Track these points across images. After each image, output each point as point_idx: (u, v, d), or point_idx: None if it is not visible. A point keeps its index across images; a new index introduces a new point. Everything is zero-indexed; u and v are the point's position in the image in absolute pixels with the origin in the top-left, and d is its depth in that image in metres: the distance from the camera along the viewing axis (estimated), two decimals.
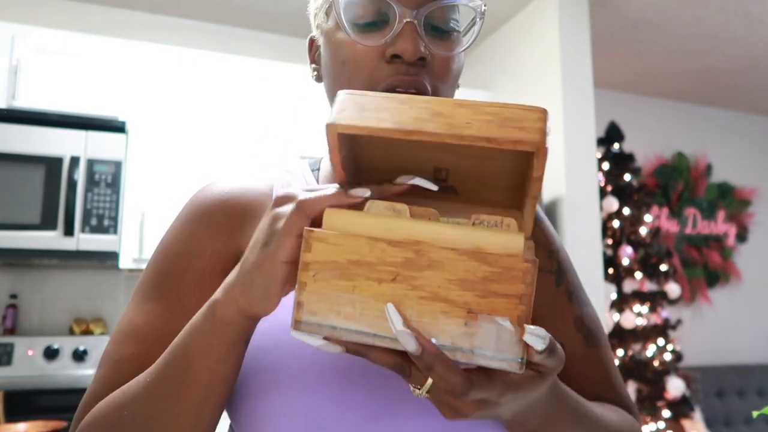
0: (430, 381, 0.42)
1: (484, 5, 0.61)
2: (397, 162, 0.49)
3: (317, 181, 0.67)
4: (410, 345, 0.40)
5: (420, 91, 0.57)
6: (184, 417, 0.49)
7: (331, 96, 0.62)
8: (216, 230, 0.61)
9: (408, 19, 0.56)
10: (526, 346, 0.41)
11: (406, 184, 0.46)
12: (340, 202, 0.44)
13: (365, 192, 0.45)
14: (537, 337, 0.40)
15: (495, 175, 0.48)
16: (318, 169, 0.69)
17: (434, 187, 0.46)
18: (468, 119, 0.43)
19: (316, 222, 0.44)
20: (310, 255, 0.42)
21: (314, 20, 0.65)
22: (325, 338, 0.43)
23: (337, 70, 0.59)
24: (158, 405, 0.49)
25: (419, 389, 0.43)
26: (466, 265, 0.41)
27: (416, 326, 0.41)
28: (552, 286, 0.66)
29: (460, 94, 3.01)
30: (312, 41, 0.67)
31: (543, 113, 0.43)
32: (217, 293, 0.48)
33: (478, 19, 0.62)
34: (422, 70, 0.57)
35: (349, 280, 0.42)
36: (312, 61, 0.67)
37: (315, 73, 0.66)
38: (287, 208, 0.44)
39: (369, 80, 0.57)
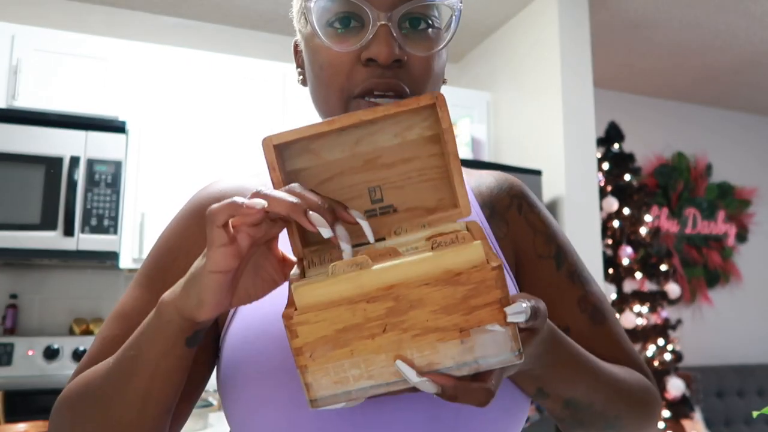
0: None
1: (460, 2, 0.61)
2: (333, 193, 0.53)
3: None
4: (431, 389, 0.43)
5: (398, 93, 0.57)
6: (130, 404, 0.52)
7: (315, 99, 0.63)
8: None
9: (381, 22, 0.56)
10: (518, 337, 0.44)
11: (354, 218, 0.48)
12: (287, 211, 0.45)
13: (325, 230, 0.46)
14: (519, 314, 0.43)
15: (422, 172, 0.53)
16: None
17: (372, 239, 0.49)
18: (380, 109, 0.50)
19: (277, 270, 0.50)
20: (299, 340, 0.43)
21: (296, 25, 0.65)
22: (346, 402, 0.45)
23: (317, 75, 0.60)
24: (112, 387, 0.52)
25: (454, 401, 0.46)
26: (443, 293, 0.43)
27: (421, 361, 0.43)
28: (553, 270, 0.68)
29: (460, 93, 3.01)
30: (296, 45, 0.67)
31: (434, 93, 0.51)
32: (167, 291, 0.50)
33: (454, 17, 0.61)
34: (399, 72, 0.57)
35: (344, 347, 0.43)
36: (297, 65, 0.68)
37: (300, 77, 0.67)
38: (216, 218, 0.45)
39: (346, 84, 0.58)
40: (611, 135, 3.41)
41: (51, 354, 2.37)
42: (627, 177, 3.32)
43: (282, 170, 0.51)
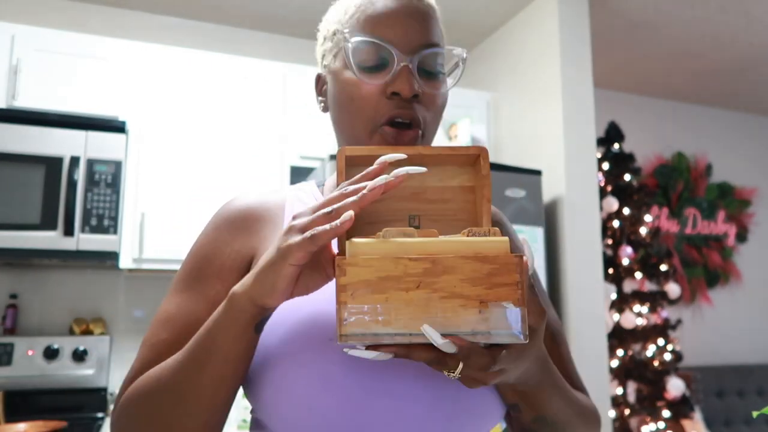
0: (461, 366, 0.52)
1: (465, 53, 0.75)
2: (378, 211, 0.63)
3: (322, 193, 0.80)
4: (451, 349, 0.51)
5: (414, 122, 0.70)
6: (205, 389, 0.59)
7: (337, 125, 0.74)
8: (235, 234, 0.73)
9: (404, 63, 0.68)
10: (527, 321, 0.52)
11: (399, 174, 0.56)
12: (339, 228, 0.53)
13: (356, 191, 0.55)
14: (533, 263, 0.56)
15: (455, 215, 0.65)
16: (323, 185, 0.81)
17: (422, 169, 0.57)
18: (435, 149, 0.62)
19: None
20: (345, 278, 0.50)
21: (321, 60, 0.77)
22: (370, 347, 0.52)
23: (345, 105, 0.71)
24: (186, 377, 0.60)
25: (452, 373, 0.53)
26: (473, 266, 0.51)
27: (442, 321, 0.51)
28: None
29: (460, 93, 3.01)
30: (319, 77, 0.79)
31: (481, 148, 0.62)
32: (236, 286, 0.58)
33: (460, 64, 0.76)
34: (415, 104, 0.70)
35: (381, 293, 0.50)
36: (319, 94, 0.79)
37: (322, 104, 0.78)
38: (301, 222, 0.54)
39: (373, 113, 0.70)
40: (611, 135, 3.40)
41: (51, 354, 2.37)
42: (627, 177, 3.32)
43: (346, 177, 0.61)
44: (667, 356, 3.12)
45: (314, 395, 0.61)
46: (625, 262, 3.22)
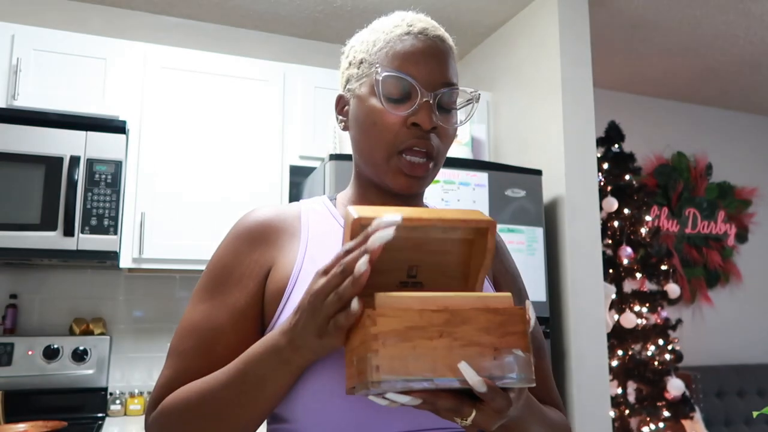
0: (473, 413, 0.58)
1: (478, 93, 0.86)
2: (380, 262, 0.64)
3: (335, 206, 0.87)
4: (482, 388, 0.55)
5: (428, 152, 0.78)
6: (249, 420, 0.68)
7: (357, 146, 0.82)
8: (254, 245, 0.79)
9: (426, 99, 0.76)
10: (532, 367, 0.58)
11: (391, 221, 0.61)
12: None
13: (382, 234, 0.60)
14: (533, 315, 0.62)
15: (451, 267, 0.68)
16: (335, 199, 0.88)
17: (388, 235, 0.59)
18: (447, 214, 0.64)
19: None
20: (376, 328, 0.54)
21: (345, 83, 0.84)
22: (400, 392, 0.55)
23: (368, 129, 0.78)
24: (235, 401, 0.67)
25: (464, 420, 0.58)
26: (487, 317, 0.57)
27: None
28: (515, 303, 0.87)
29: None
30: (341, 98, 0.85)
31: (490, 221, 0.65)
32: (288, 341, 0.64)
33: (474, 102, 0.86)
34: (432, 135, 0.78)
35: (409, 341, 0.55)
36: (340, 113, 0.86)
37: (342, 124, 0.86)
38: (320, 284, 0.60)
39: (393, 140, 0.77)
40: (611, 135, 3.40)
41: (51, 354, 2.37)
42: (627, 177, 3.32)
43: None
44: (667, 356, 3.12)
45: (337, 384, 0.67)
46: (625, 262, 3.21)
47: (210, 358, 0.73)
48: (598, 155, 3.39)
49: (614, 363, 3.09)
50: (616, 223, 3.27)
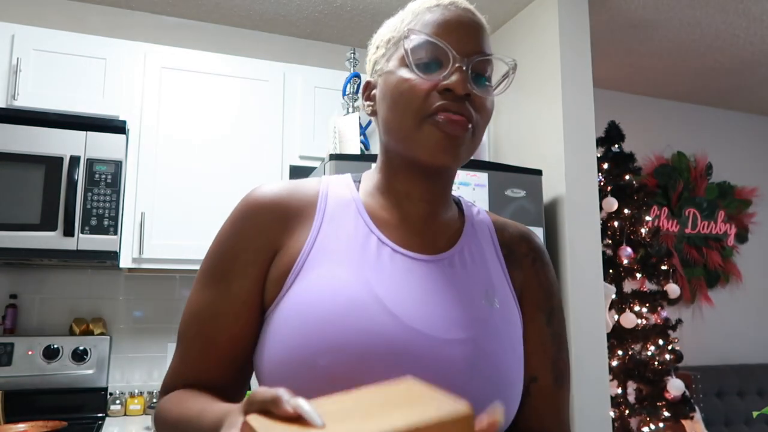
0: None
1: (515, 62, 0.78)
2: None
3: (357, 189, 0.80)
4: None
5: (465, 117, 0.70)
6: None
7: (384, 124, 0.75)
8: (261, 228, 0.73)
9: (459, 64, 0.70)
10: None
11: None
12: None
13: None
14: None
15: None
16: (359, 181, 0.82)
17: (318, 422, 0.46)
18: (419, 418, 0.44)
19: None
20: None
21: (372, 67, 0.80)
22: None
23: (396, 99, 0.72)
24: None
25: None
26: None
27: None
28: (543, 324, 0.80)
29: None
30: (368, 84, 0.80)
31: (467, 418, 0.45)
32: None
33: (510, 73, 0.78)
34: (467, 104, 0.70)
35: None
36: (367, 99, 0.81)
37: (369, 108, 0.80)
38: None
39: (422, 105, 0.70)
40: (611, 135, 3.40)
41: (51, 354, 2.37)
42: (627, 177, 3.32)
43: None
44: (667, 356, 3.12)
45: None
46: (625, 262, 3.21)
47: (211, 348, 0.72)
48: (598, 155, 3.39)
49: (614, 363, 3.09)
50: (616, 223, 3.27)
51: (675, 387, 3.05)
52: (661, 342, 3.14)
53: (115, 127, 2.30)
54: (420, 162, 0.72)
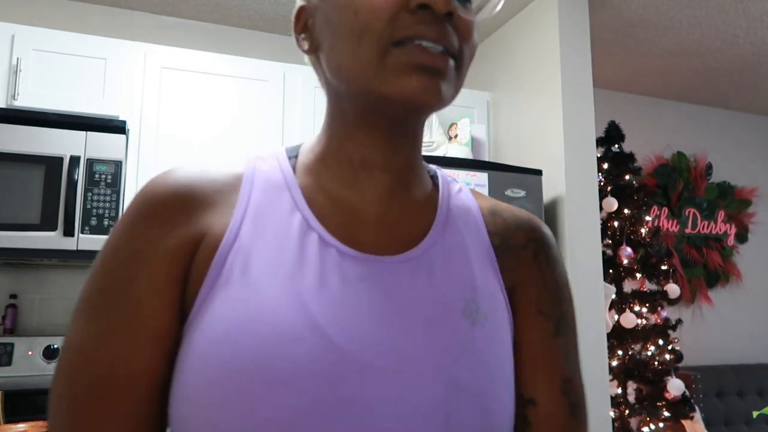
0: None
1: None
2: None
3: (293, 170, 0.59)
4: None
5: (447, 47, 0.50)
6: None
7: (330, 62, 0.54)
8: (169, 226, 0.53)
9: None
10: None
11: None
12: None
13: None
14: None
15: None
16: (296, 157, 0.61)
17: None
18: None
19: None
20: None
21: None
22: None
23: (346, 23, 0.51)
24: None
25: None
26: None
27: None
28: (548, 333, 0.60)
29: (460, 93, 3.00)
30: (302, 10, 0.58)
31: None
32: None
33: None
34: (448, 27, 0.51)
35: None
36: (301, 32, 0.58)
37: (306, 44, 0.58)
38: None
39: (387, 29, 0.49)
40: (611, 135, 3.40)
41: (51, 354, 2.37)
42: (627, 177, 3.32)
43: None
44: (667, 356, 3.12)
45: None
46: (625, 262, 3.21)
47: (114, 403, 0.48)
48: (598, 155, 3.39)
49: (614, 363, 3.09)
50: (616, 223, 3.27)
51: (675, 387, 3.05)
52: (661, 342, 3.14)
53: (115, 127, 2.30)
54: (387, 106, 0.51)
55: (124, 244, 0.52)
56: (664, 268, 3.28)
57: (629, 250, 3.22)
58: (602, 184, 3.31)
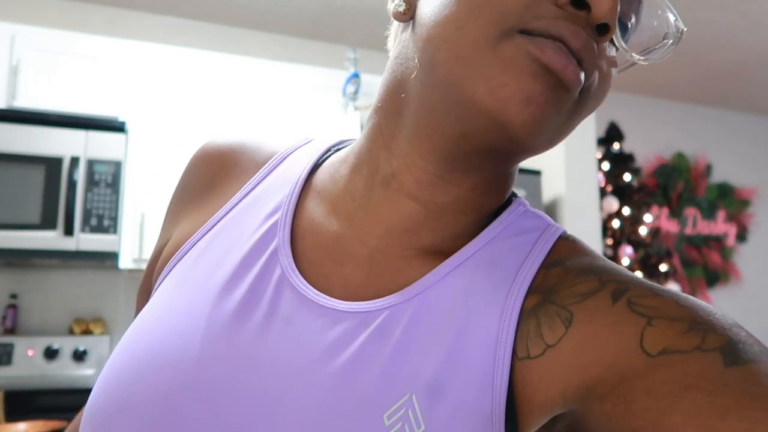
0: None
1: (683, 28, 0.40)
2: None
3: (298, 187, 0.49)
4: None
5: (586, 63, 0.37)
6: None
7: (429, 33, 0.39)
8: (189, 186, 0.54)
9: None
10: None
11: None
12: None
13: None
14: None
15: None
16: (335, 148, 0.52)
17: None
18: None
19: None
20: None
21: None
22: None
23: None
24: None
25: None
26: None
27: None
28: (719, 366, 0.33)
29: None
30: None
31: None
32: None
33: (672, 38, 0.40)
34: (595, 44, 0.37)
35: None
36: None
37: (403, 5, 0.43)
38: None
39: (519, 10, 0.36)
40: (611, 135, 3.41)
41: (51, 354, 2.37)
42: (627, 177, 3.32)
43: None
44: None
45: None
46: (625, 262, 3.22)
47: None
48: (598, 155, 3.39)
49: None
50: (616, 223, 3.27)
51: None
52: None
53: (115, 127, 2.30)
54: (468, 112, 0.37)
55: (175, 188, 0.57)
56: (664, 268, 3.28)
57: (629, 250, 3.22)
58: (602, 184, 3.31)
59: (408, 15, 0.43)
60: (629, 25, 0.40)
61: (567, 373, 0.36)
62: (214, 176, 0.52)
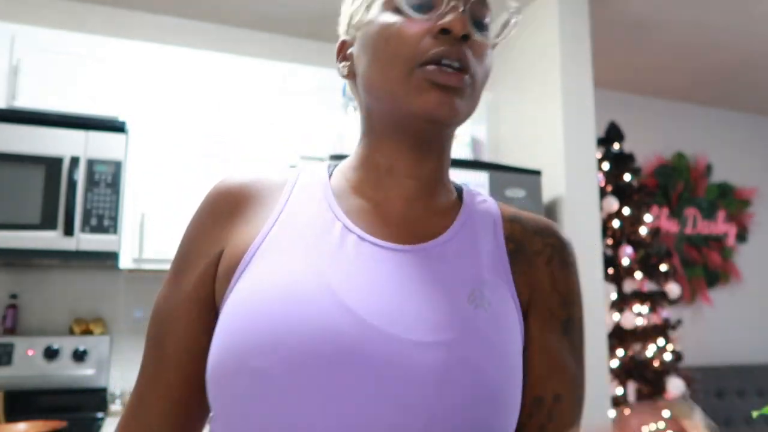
0: None
1: (518, 7, 0.67)
2: None
3: (329, 176, 0.70)
4: None
5: (463, 65, 0.60)
6: None
7: (365, 81, 0.64)
8: (216, 217, 0.66)
9: (455, 3, 0.61)
10: None
11: None
12: None
13: None
14: None
15: None
16: (335, 166, 0.72)
17: None
18: None
19: None
20: None
21: (348, 22, 0.69)
22: None
23: (379, 48, 0.62)
24: None
25: None
26: None
27: None
28: (558, 333, 0.65)
29: None
30: (343, 44, 0.70)
31: None
32: None
33: (512, 19, 0.67)
34: (466, 49, 0.61)
35: None
36: (342, 60, 0.70)
37: (345, 69, 0.69)
38: None
39: (414, 52, 0.60)
40: (611, 135, 3.40)
41: (51, 354, 2.37)
42: (627, 177, 3.32)
43: None
44: (667, 356, 3.12)
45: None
46: (625, 262, 3.21)
47: (162, 360, 0.64)
48: (598, 155, 3.39)
49: (614, 363, 3.09)
50: (616, 223, 3.27)
51: (675, 387, 3.05)
52: (661, 342, 3.14)
53: (115, 127, 2.30)
54: (410, 120, 0.61)
55: (189, 228, 0.68)
56: (664, 268, 3.28)
57: (629, 250, 3.22)
58: (602, 184, 3.31)
59: (351, 75, 0.68)
60: (486, 22, 0.64)
61: (525, 286, 0.67)
62: (245, 200, 0.67)
